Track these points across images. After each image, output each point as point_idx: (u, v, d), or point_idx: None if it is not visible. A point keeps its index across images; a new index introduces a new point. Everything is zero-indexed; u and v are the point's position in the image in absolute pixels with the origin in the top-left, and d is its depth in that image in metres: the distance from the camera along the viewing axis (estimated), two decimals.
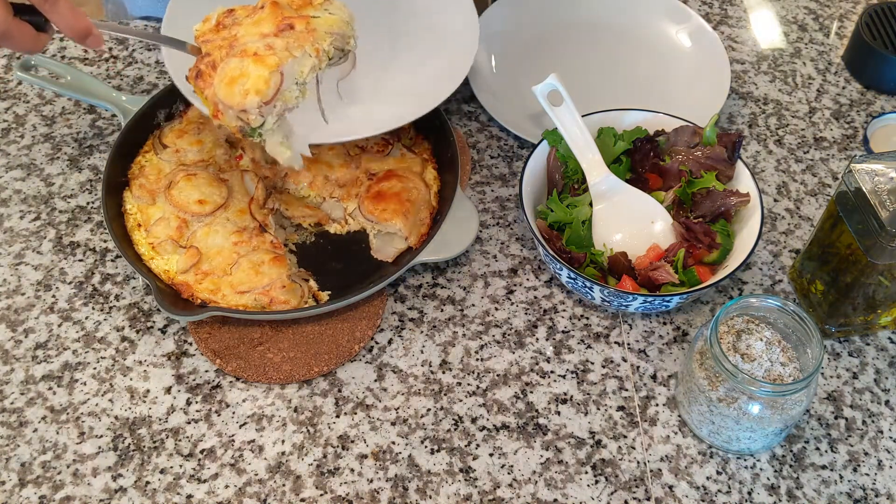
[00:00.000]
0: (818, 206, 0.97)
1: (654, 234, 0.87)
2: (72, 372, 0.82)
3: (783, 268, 0.91)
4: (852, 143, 1.03)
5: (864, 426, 0.79)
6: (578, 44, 1.12)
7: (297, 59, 0.67)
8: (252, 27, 0.69)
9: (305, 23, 0.69)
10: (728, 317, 0.75)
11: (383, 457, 0.77)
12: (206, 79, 0.67)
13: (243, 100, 0.66)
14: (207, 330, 0.83)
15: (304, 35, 0.68)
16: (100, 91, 0.96)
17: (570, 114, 0.89)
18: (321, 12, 0.73)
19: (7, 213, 0.93)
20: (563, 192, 0.91)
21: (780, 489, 0.76)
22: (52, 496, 0.74)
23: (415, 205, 0.89)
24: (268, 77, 0.65)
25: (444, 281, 0.89)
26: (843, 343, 0.85)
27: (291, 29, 0.69)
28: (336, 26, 0.72)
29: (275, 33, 0.68)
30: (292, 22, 0.69)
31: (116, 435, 0.78)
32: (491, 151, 1.01)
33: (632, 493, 0.75)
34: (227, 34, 0.70)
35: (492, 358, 0.83)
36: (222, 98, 0.67)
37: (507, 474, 0.76)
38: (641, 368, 0.83)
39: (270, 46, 0.66)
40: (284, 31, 0.68)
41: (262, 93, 0.66)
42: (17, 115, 1.03)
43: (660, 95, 1.05)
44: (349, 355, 0.82)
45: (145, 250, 0.86)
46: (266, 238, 0.86)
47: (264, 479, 0.75)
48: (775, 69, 1.11)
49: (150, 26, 1.13)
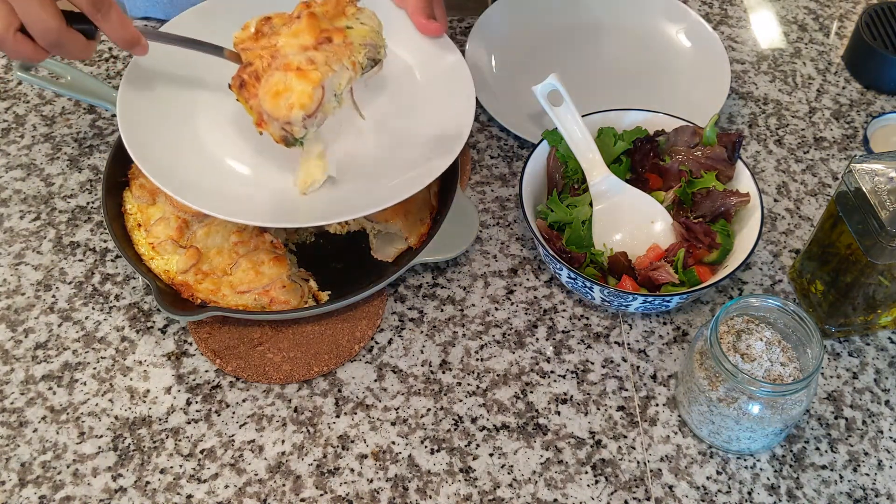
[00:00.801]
0: (818, 206, 0.97)
1: (654, 234, 0.87)
2: (72, 372, 0.82)
3: (783, 268, 0.91)
4: (852, 143, 1.03)
5: (864, 426, 0.79)
6: (578, 44, 1.12)
7: (336, 73, 0.71)
8: (292, 38, 0.73)
9: (343, 36, 0.73)
10: (728, 317, 0.75)
11: (383, 457, 0.77)
12: (249, 89, 0.71)
13: (289, 113, 0.70)
14: (207, 330, 0.83)
15: (342, 49, 0.72)
16: (100, 91, 0.96)
17: (570, 114, 0.89)
18: (354, 22, 0.76)
19: (7, 213, 0.94)
20: (563, 192, 0.91)
21: (780, 489, 0.76)
22: (52, 496, 0.74)
23: (415, 205, 0.89)
24: (311, 92, 0.69)
25: (444, 281, 0.89)
26: (843, 343, 0.85)
27: (330, 42, 0.72)
28: (369, 37, 0.76)
29: (314, 46, 0.72)
30: (330, 35, 0.73)
31: (116, 435, 0.78)
32: (491, 151, 1.01)
33: (632, 493, 0.75)
34: (266, 43, 0.73)
35: (492, 358, 0.83)
36: (268, 110, 0.71)
37: (507, 474, 0.76)
38: (641, 368, 0.83)
39: (312, 61, 0.70)
40: (323, 43, 0.72)
41: (306, 107, 0.70)
42: (17, 115, 1.03)
43: (660, 95, 1.05)
44: (349, 355, 0.83)
45: (145, 250, 0.86)
46: (266, 238, 0.86)
47: (264, 479, 0.75)
48: (775, 69, 1.12)
49: (149, 26, 1.13)
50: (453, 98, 0.86)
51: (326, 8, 0.77)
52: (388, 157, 0.83)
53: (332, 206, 0.78)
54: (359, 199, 0.78)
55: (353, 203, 0.78)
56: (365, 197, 0.78)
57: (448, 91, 0.88)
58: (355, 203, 0.77)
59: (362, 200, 0.77)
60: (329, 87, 0.72)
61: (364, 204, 0.77)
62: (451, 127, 0.83)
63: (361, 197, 0.78)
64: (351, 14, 0.78)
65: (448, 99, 0.87)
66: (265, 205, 0.78)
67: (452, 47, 0.90)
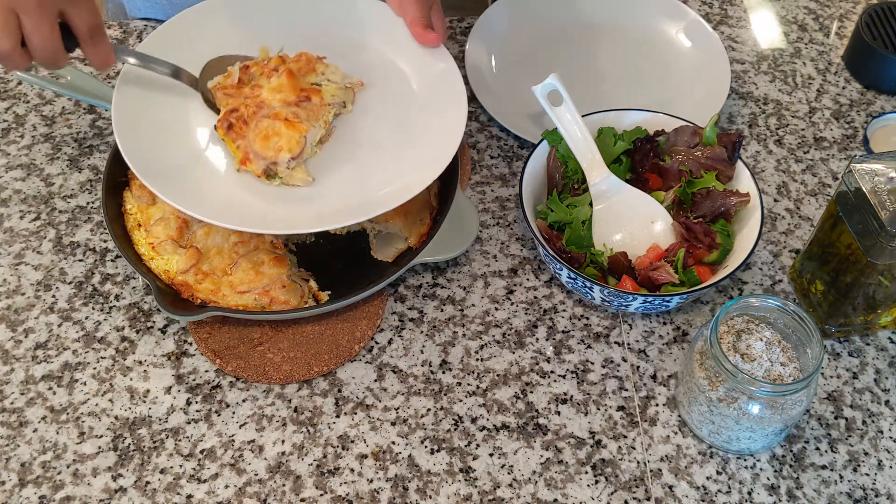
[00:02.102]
0: (818, 206, 0.97)
1: (654, 234, 0.87)
2: (72, 372, 0.82)
3: (783, 268, 0.91)
4: (852, 143, 1.03)
5: (864, 426, 0.79)
6: (578, 44, 1.12)
7: (315, 130, 0.82)
8: (275, 93, 0.82)
9: (320, 97, 0.84)
10: (728, 317, 0.75)
11: (383, 457, 0.77)
12: (237, 131, 0.81)
13: (277, 154, 0.80)
14: (207, 330, 0.83)
15: (319, 108, 0.83)
16: (100, 91, 0.96)
17: (570, 114, 0.89)
18: (323, 79, 0.86)
19: (7, 213, 0.94)
20: (563, 192, 0.91)
21: (780, 489, 0.76)
22: (52, 496, 0.74)
23: (414, 205, 0.89)
24: (299, 139, 0.80)
25: (444, 281, 0.89)
26: (843, 343, 0.85)
27: (309, 101, 0.83)
28: (337, 96, 0.85)
29: (295, 102, 0.82)
30: (309, 94, 0.83)
31: (116, 435, 0.78)
32: (491, 151, 1.01)
33: (632, 493, 0.75)
34: (249, 93, 0.83)
35: (492, 358, 0.83)
36: (257, 150, 0.80)
37: (507, 474, 0.76)
38: (641, 368, 0.83)
39: (296, 115, 0.81)
40: (303, 101, 0.83)
41: (293, 151, 0.80)
42: (17, 115, 1.03)
43: (660, 95, 1.05)
44: (349, 355, 0.82)
45: (145, 250, 0.86)
46: (266, 238, 0.86)
47: (264, 479, 0.75)
48: (775, 69, 1.12)
49: (148, 27, 1.13)
50: (446, 109, 0.87)
51: (300, 64, 0.86)
52: (379, 166, 0.84)
53: (324, 212, 0.80)
54: (350, 207, 0.80)
55: (343, 211, 0.80)
56: (356, 204, 0.80)
57: (441, 102, 0.88)
58: (346, 211, 0.80)
59: (354, 208, 0.80)
60: (309, 139, 0.82)
61: (356, 211, 0.79)
62: (443, 138, 0.85)
63: (352, 204, 0.81)
64: (320, 71, 0.86)
65: (441, 110, 0.88)
66: (256, 210, 0.80)
67: (448, 56, 0.91)
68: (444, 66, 0.90)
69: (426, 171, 0.82)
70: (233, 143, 0.81)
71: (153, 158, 0.80)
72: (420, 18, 0.89)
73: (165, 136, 0.83)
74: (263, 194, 0.81)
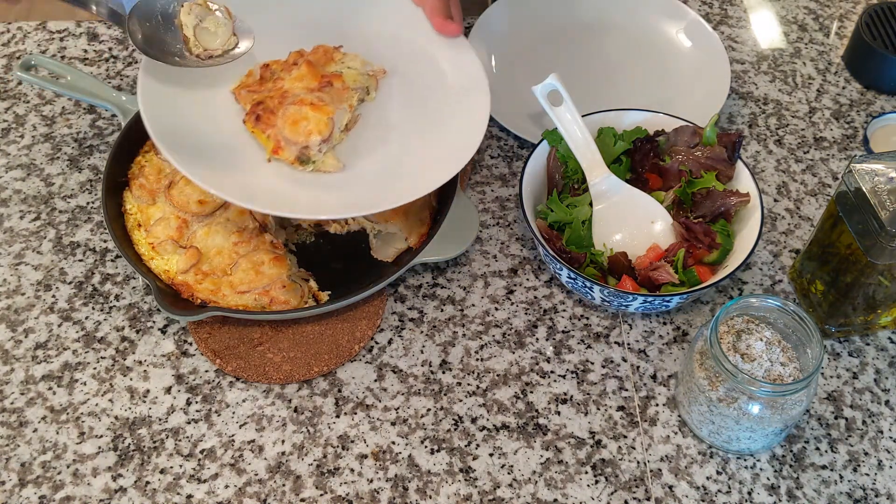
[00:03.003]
0: (818, 206, 0.97)
1: (654, 234, 0.87)
2: (72, 372, 0.82)
3: (783, 268, 0.91)
4: (852, 143, 1.03)
5: (864, 426, 0.79)
6: (578, 44, 1.12)
7: (341, 111, 0.83)
8: (296, 82, 0.83)
9: (341, 81, 0.85)
10: (728, 317, 0.75)
11: (383, 457, 0.77)
12: (265, 121, 0.81)
13: (307, 138, 0.80)
14: (207, 330, 0.83)
15: (342, 92, 0.84)
16: (100, 91, 0.96)
17: (570, 114, 0.89)
18: (343, 67, 0.87)
19: (7, 213, 0.94)
20: (563, 192, 0.91)
21: (780, 489, 0.76)
22: (52, 496, 0.74)
23: (415, 205, 0.89)
24: (326, 121, 0.81)
25: (444, 281, 0.89)
26: (843, 343, 0.85)
27: (331, 86, 0.84)
28: (359, 81, 0.86)
29: (318, 88, 0.83)
30: (331, 80, 0.84)
31: (116, 435, 0.78)
32: (491, 151, 1.01)
33: (632, 493, 0.75)
34: (272, 86, 0.84)
35: (492, 358, 0.83)
36: (288, 136, 0.80)
37: (507, 474, 0.76)
38: (641, 368, 0.83)
39: (321, 99, 0.82)
40: (325, 87, 0.83)
41: (322, 133, 0.81)
42: (17, 115, 1.03)
43: (660, 95, 1.05)
44: (349, 355, 0.83)
45: (145, 250, 0.86)
46: (266, 238, 0.86)
47: (264, 479, 0.75)
48: (775, 69, 1.12)
49: None
50: (470, 97, 0.89)
51: (317, 56, 0.87)
52: (406, 153, 0.86)
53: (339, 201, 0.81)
54: (365, 198, 0.81)
55: (358, 201, 0.81)
56: (372, 196, 0.81)
57: (464, 90, 0.90)
58: (361, 201, 0.81)
59: (369, 199, 0.81)
60: (336, 122, 0.82)
61: (371, 202, 0.80)
62: (468, 125, 0.87)
63: (368, 196, 0.81)
64: (338, 59, 0.87)
65: (465, 98, 0.89)
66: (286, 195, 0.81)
67: (467, 45, 0.92)
68: (465, 56, 0.92)
69: (453, 159, 0.83)
70: (262, 134, 0.81)
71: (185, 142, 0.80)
72: (439, 9, 0.90)
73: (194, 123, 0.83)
74: (293, 179, 0.82)
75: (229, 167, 0.81)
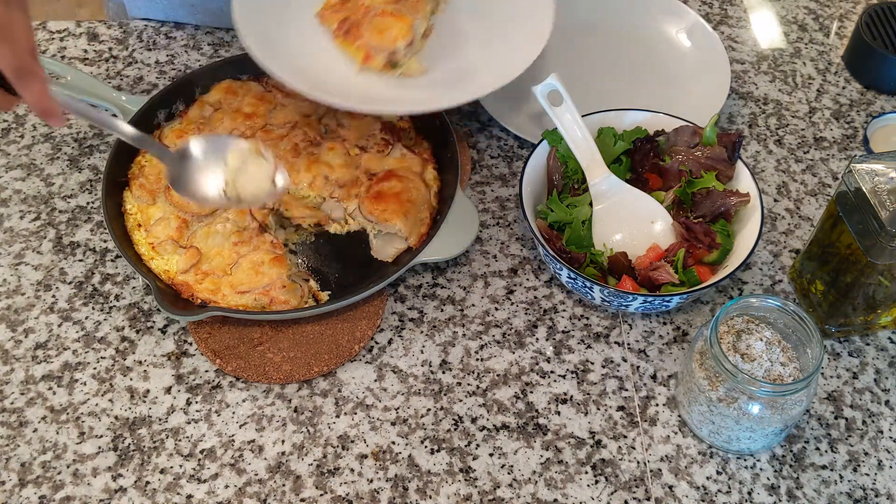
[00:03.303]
0: (818, 206, 0.97)
1: (654, 234, 0.87)
2: (72, 372, 0.82)
3: (783, 268, 0.91)
4: (852, 143, 1.03)
5: (864, 426, 0.79)
6: (578, 44, 1.12)
7: (418, 20, 0.92)
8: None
9: None
10: (728, 317, 0.75)
11: (383, 457, 0.77)
12: (354, 34, 0.91)
13: (393, 44, 0.90)
14: (207, 330, 0.83)
15: (416, 3, 0.93)
16: (100, 91, 0.96)
17: (570, 114, 0.89)
18: None
19: (7, 213, 0.94)
20: (563, 192, 0.91)
21: (780, 489, 0.76)
22: (52, 496, 0.74)
23: (415, 205, 0.89)
24: (408, 27, 0.90)
25: (444, 281, 0.89)
26: (843, 343, 0.85)
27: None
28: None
29: (395, 1, 0.92)
30: None
31: (116, 435, 0.78)
32: (491, 151, 1.01)
33: (632, 493, 0.75)
34: (353, 4, 0.94)
35: (492, 358, 0.83)
36: (375, 44, 0.90)
37: (507, 474, 0.76)
38: (641, 368, 0.83)
39: (399, 10, 0.91)
40: (401, 0, 0.93)
41: (406, 37, 0.90)
42: (17, 115, 1.03)
43: (660, 95, 1.05)
44: (349, 355, 0.83)
45: (145, 250, 0.86)
46: (266, 238, 0.86)
47: (264, 479, 0.75)
48: (775, 69, 1.12)
49: (149, 26, 1.13)
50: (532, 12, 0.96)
51: None
52: (477, 54, 0.95)
53: (428, 95, 0.91)
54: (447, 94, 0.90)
55: (444, 95, 0.90)
56: (454, 92, 0.91)
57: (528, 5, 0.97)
58: (446, 95, 0.90)
59: (450, 94, 0.90)
60: (416, 29, 0.91)
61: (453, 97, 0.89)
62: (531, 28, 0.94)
63: (450, 92, 0.91)
64: None
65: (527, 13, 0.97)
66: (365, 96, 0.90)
67: None
68: None
69: (519, 59, 0.91)
70: (352, 46, 0.91)
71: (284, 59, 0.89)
72: None
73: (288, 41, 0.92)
74: (382, 84, 0.92)
75: (322, 79, 0.89)
